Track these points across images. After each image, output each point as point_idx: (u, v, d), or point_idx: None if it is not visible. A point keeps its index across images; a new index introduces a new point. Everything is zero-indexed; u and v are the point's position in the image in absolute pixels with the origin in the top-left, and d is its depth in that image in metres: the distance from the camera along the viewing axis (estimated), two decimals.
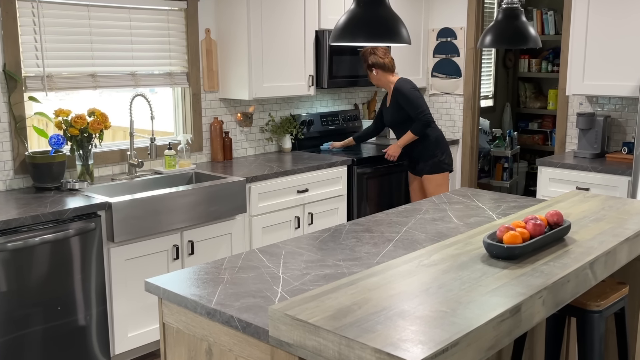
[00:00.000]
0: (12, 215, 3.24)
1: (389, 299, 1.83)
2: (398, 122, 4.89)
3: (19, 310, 3.28)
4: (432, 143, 4.88)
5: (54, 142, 3.80)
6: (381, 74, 4.85)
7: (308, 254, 2.57)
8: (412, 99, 4.75)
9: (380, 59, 4.80)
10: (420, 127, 4.78)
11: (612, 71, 4.73)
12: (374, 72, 4.85)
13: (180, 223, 3.85)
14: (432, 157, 4.87)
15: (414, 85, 4.84)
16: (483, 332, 1.67)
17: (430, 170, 4.89)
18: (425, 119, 4.76)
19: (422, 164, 4.91)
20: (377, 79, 4.89)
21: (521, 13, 3.35)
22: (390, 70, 4.86)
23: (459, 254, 2.25)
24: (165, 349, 2.32)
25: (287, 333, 1.73)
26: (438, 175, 4.90)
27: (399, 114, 4.84)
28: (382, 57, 4.81)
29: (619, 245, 2.39)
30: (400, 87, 4.79)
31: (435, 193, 4.88)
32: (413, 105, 4.75)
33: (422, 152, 4.89)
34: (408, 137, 4.83)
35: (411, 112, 4.76)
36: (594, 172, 4.62)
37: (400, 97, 4.79)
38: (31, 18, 3.82)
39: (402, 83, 4.82)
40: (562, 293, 2.05)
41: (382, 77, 4.87)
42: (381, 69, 4.83)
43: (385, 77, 4.87)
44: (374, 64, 4.82)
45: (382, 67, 4.83)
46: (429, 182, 4.91)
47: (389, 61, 4.85)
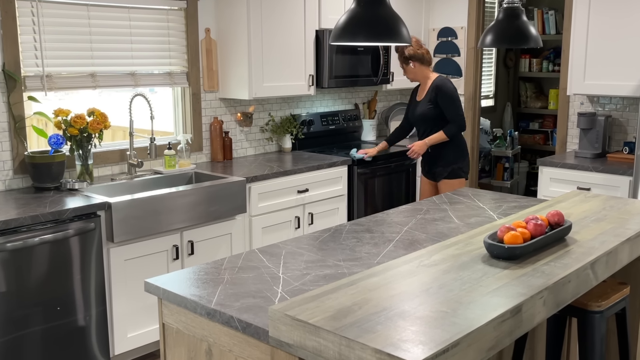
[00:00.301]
0: (12, 215, 3.23)
1: (390, 299, 1.82)
2: (429, 118, 4.64)
3: (18, 310, 3.27)
4: (457, 148, 4.70)
5: (53, 142, 3.80)
6: (419, 67, 4.64)
7: (308, 254, 2.56)
8: (455, 99, 4.58)
9: (418, 51, 4.60)
10: (455, 130, 4.59)
11: (613, 71, 4.72)
12: (411, 65, 4.63)
13: (180, 223, 3.84)
14: (453, 162, 4.69)
15: (455, 86, 4.66)
16: (484, 333, 1.67)
17: (448, 175, 4.70)
18: (461, 123, 4.59)
19: (441, 168, 4.70)
20: (414, 73, 4.66)
21: (522, 12, 3.35)
22: (428, 63, 4.67)
23: (459, 254, 2.24)
24: (165, 349, 2.32)
25: (287, 333, 1.73)
26: (455, 180, 4.73)
27: (433, 111, 4.61)
28: (419, 48, 4.61)
29: (620, 246, 2.38)
30: (443, 85, 4.57)
31: None
32: (453, 106, 4.57)
33: (445, 156, 4.69)
34: (439, 137, 4.61)
35: (450, 113, 4.56)
36: (595, 172, 4.61)
37: (441, 95, 4.55)
38: (30, 17, 3.82)
39: (445, 81, 4.61)
40: (563, 293, 2.04)
41: (420, 70, 4.65)
42: (419, 62, 4.62)
43: (423, 71, 4.66)
44: (412, 56, 4.60)
45: (421, 60, 4.62)
46: (446, 187, 4.73)
47: (426, 53, 4.65)
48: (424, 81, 4.69)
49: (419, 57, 4.60)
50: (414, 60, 4.61)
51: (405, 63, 4.65)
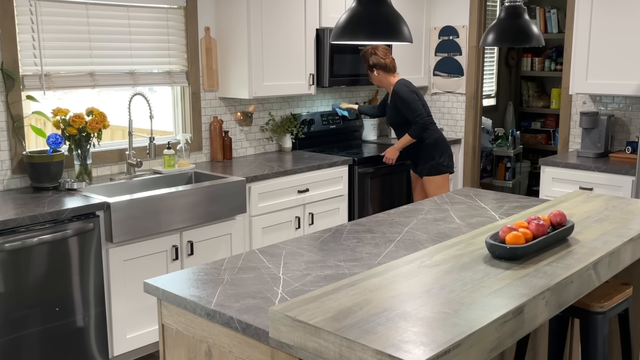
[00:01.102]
0: (10, 215, 3.22)
1: (391, 300, 1.82)
2: (397, 123, 4.90)
3: (16, 311, 3.26)
4: (430, 146, 4.87)
5: (52, 141, 3.79)
6: (382, 75, 4.83)
7: (309, 254, 2.56)
8: (409, 102, 4.74)
9: (381, 60, 4.78)
10: (418, 131, 4.76)
11: (616, 70, 4.71)
12: (375, 73, 4.83)
13: (180, 223, 3.83)
14: (430, 159, 4.88)
15: (412, 88, 4.82)
16: (485, 334, 1.67)
17: (429, 172, 4.90)
18: (422, 122, 4.74)
19: (421, 166, 4.93)
20: (378, 80, 4.87)
21: (524, 11, 3.35)
22: (391, 71, 4.83)
23: (461, 254, 2.24)
24: (165, 350, 2.31)
25: (287, 334, 1.73)
26: (438, 177, 4.90)
27: (397, 116, 4.84)
28: (383, 57, 4.79)
29: (623, 246, 2.38)
30: (398, 90, 4.77)
31: (436, 194, 4.87)
32: (410, 109, 4.74)
33: (420, 154, 4.90)
34: (405, 140, 4.83)
35: (408, 116, 4.75)
36: (598, 171, 4.60)
37: (397, 100, 4.77)
38: (29, 16, 3.81)
39: (400, 86, 4.78)
40: (565, 294, 2.04)
41: (383, 77, 4.85)
42: (382, 70, 4.81)
43: (386, 78, 4.85)
44: (375, 64, 4.79)
45: (384, 68, 4.80)
46: (429, 184, 4.92)
47: (390, 61, 4.82)
48: (388, 87, 4.89)
49: (382, 66, 4.79)
50: (378, 68, 4.81)
51: (369, 70, 4.86)
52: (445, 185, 4.97)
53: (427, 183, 4.94)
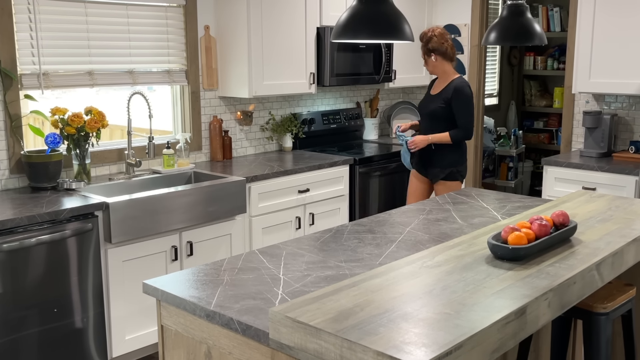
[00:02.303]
0: (8, 215, 3.21)
1: (392, 300, 1.82)
2: (437, 117, 4.51)
3: (14, 312, 3.25)
4: (458, 153, 4.57)
5: (50, 141, 3.78)
6: (440, 62, 4.48)
7: (309, 255, 2.56)
8: (469, 105, 4.46)
9: (442, 45, 4.45)
10: (461, 136, 4.47)
11: (619, 69, 4.70)
12: (432, 58, 4.48)
13: (179, 223, 3.82)
14: (451, 165, 4.54)
15: (472, 92, 4.54)
16: (487, 335, 1.67)
17: (445, 177, 4.55)
18: (471, 132, 4.49)
19: (439, 169, 4.55)
20: (434, 66, 4.51)
21: (526, 10, 3.35)
22: (450, 59, 4.51)
23: (463, 255, 2.25)
24: (164, 351, 2.31)
25: (287, 336, 1.73)
26: (453, 182, 4.59)
27: (443, 111, 4.47)
28: (444, 42, 4.47)
29: (626, 246, 2.38)
30: (462, 89, 4.42)
31: None
32: (466, 112, 4.45)
33: (444, 158, 4.54)
34: (443, 138, 4.46)
35: (461, 119, 4.43)
36: (601, 171, 4.59)
37: (458, 98, 4.41)
38: (27, 14, 3.79)
39: (465, 85, 4.46)
40: (568, 295, 2.04)
41: (441, 65, 4.49)
42: (442, 56, 4.47)
43: (443, 66, 4.50)
44: (435, 49, 4.45)
45: (444, 55, 4.47)
46: (442, 188, 4.58)
47: (451, 48, 4.50)
48: (442, 76, 4.55)
49: (442, 52, 4.46)
50: (437, 53, 4.47)
51: (427, 54, 4.51)
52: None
53: (440, 187, 4.59)
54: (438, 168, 4.54)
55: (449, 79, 4.49)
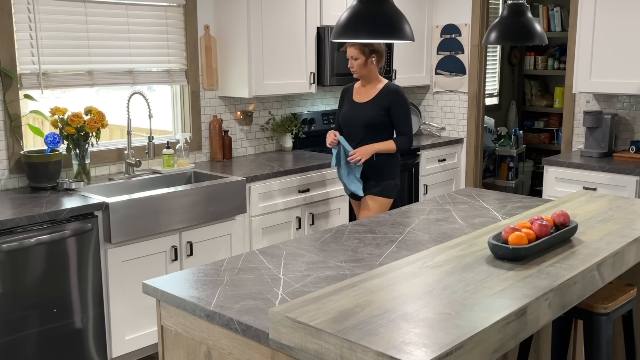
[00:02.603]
0: (7, 215, 3.20)
1: (392, 301, 1.82)
2: (375, 126, 4.08)
3: (14, 312, 3.24)
4: (396, 165, 4.20)
5: (49, 140, 3.78)
6: (373, 66, 4.10)
7: (309, 255, 2.56)
8: (409, 110, 4.12)
9: (382, 47, 4.12)
10: (406, 145, 4.11)
11: (620, 68, 4.69)
12: (372, 59, 4.06)
13: (179, 224, 3.81)
14: (390, 178, 4.15)
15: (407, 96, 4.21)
16: (488, 335, 1.67)
17: (380, 192, 4.12)
18: (412, 140, 4.14)
19: (374, 182, 4.11)
20: (368, 70, 4.08)
21: (527, 9, 3.34)
22: (381, 65, 4.21)
23: (463, 255, 2.24)
24: (164, 352, 2.31)
25: (287, 336, 1.73)
26: (385, 199, 4.15)
27: (383, 118, 4.06)
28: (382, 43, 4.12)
29: (627, 246, 2.38)
30: (401, 94, 4.09)
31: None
32: (407, 118, 4.10)
33: (384, 168, 4.13)
34: (388, 147, 4.07)
35: (402, 125, 4.08)
36: (601, 171, 4.58)
37: (397, 104, 4.05)
38: (27, 14, 3.79)
39: (402, 90, 4.14)
40: (568, 295, 2.04)
41: (374, 69, 4.11)
42: (378, 59, 4.12)
43: (375, 71, 4.13)
44: (377, 50, 4.08)
45: (381, 58, 4.14)
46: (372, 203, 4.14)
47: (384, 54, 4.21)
48: (372, 82, 4.14)
49: (381, 55, 4.13)
50: (377, 55, 4.10)
51: (364, 54, 4.04)
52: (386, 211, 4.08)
53: (370, 202, 4.14)
54: (373, 181, 4.13)
55: (379, 84, 4.13)
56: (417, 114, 6.16)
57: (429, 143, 5.68)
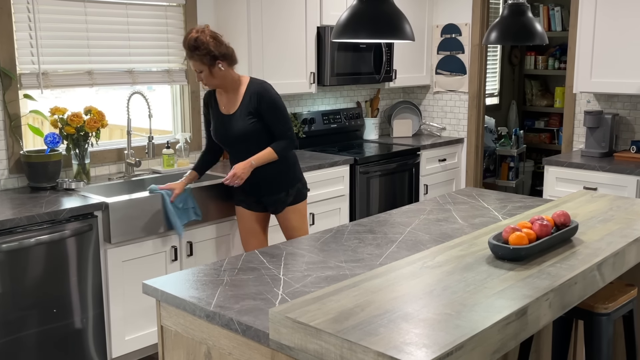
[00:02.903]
0: (7, 215, 3.20)
1: (392, 301, 1.82)
2: (251, 136, 3.60)
3: (13, 312, 3.24)
4: (296, 165, 3.78)
5: (49, 140, 3.77)
6: (227, 70, 3.55)
7: (309, 255, 2.56)
8: (283, 109, 3.62)
9: (226, 48, 3.54)
10: (287, 147, 3.64)
11: (621, 68, 4.68)
12: (218, 67, 3.49)
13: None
14: (295, 181, 3.75)
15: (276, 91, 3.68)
16: (488, 336, 1.67)
17: (294, 200, 3.75)
18: (293, 139, 3.66)
19: (284, 192, 3.72)
20: (222, 76, 3.54)
21: (527, 9, 3.33)
22: (236, 63, 3.62)
23: (463, 255, 2.24)
24: (164, 352, 2.30)
25: (288, 336, 1.73)
26: (302, 203, 3.79)
27: (256, 125, 3.59)
28: (227, 44, 3.57)
29: (628, 247, 2.38)
30: (267, 92, 3.58)
31: (302, 227, 3.81)
32: (283, 118, 3.61)
33: (287, 175, 3.72)
34: (267, 156, 3.59)
35: (279, 126, 3.60)
36: (602, 171, 4.57)
37: (265, 104, 3.56)
38: (26, 14, 3.78)
39: (267, 86, 3.62)
40: (569, 295, 2.04)
41: (229, 73, 3.57)
42: (229, 62, 3.55)
43: (232, 74, 3.60)
44: (223, 54, 3.50)
45: (231, 60, 3.57)
46: (295, 215, 3.77)
47: (233, 51, 3.60)
48: (233, 87, 3.62)
49: (230, 57, 3.55)
50: (223, 60, 3.52)
51: (210, 64, 3.49)
52: (306, 213, 3.86)
53: (291, 216, 3.77)
54: (283, 192, 3.73)
55: (242, 87, 3.62)
56: (417, 114, 6.16)
57: (429, 143, 5.67)
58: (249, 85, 3.60)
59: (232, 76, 3.59)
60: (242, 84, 3.62)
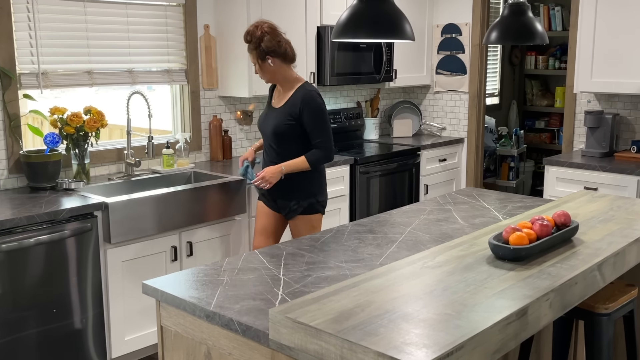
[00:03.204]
0: (7, 215, 3.19)
1: (393, 301, 1.82)
2: (282, 135, 3.61)
3: (13, 313, 3.23)
4: (317, 179, 3.72)
5: (49, 140, 3.77)
6: (279, 66, 3.57)
7: (309, 255, 2.55)
8: (324, 119, 3.59)
9: (279, 45, 3.56)
10: (322, 159, 3.60)
11: (621, 68, 4.68)
12: (268, 62, 3.54)
13: (179, 224, 3.80)
14: (312, 196, 3.69)
15: (323, 101, 3.65)
16: (489, 336, 1.67)
17: (305, 210, 3.69)
18: (330, 151, 3.61)
19: (295, 202, 3.67)
20: (272, 72, 3.59)
21: (528, 9, 3.33)
22: (291, 62, 3.63)
23: (464, 255, 2.24)
24: (164, 352, 2.30)
25: (288, 336, 1.72)
26: (313, 216, 3.73)
27: (291, 129, 3.58)
28: (280, 39, 3.58)
29: (628, 247, 2.37)
30: (312, 100, 3.55)
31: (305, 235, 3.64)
32: (322, 128, 3.58)
33: (301, 188, 3.67)
34: (299, 165, 3.57)
35: (317, 137, 3.56)
36: (602, 171, 4.57)
37: (309, 112, 3.54)
38: (26, 14, 3.78)
39: (314, 94, 3.58)
40: (569, 295, 2.04)
41: (280, 70, 3.59)
42: (281, 59, 3.57)
43: (285, 72, 3.61)
44: (271, 50, 3.53)
45: (283, 57, 3.57)
46: (302, 224, 3.73)
47: (291, 49, 3.62)
48: (284, 85, 3.65)
49: (282, 54, 3.56)
50: (274, 56, 3.55)
51: (260, 58, 3.55)
52: (319, 226, 3.78)
53: (299, 224, 3.72)
54: (294, 201, 3.67)
55: (293, 87, 3.63)
56: (418, 114, 6.15)
57: (430, 143, 5.67)
58: (300, 87, 3.61)
59: (284, 74, 3.61)
60: (295, 84, 3.63)
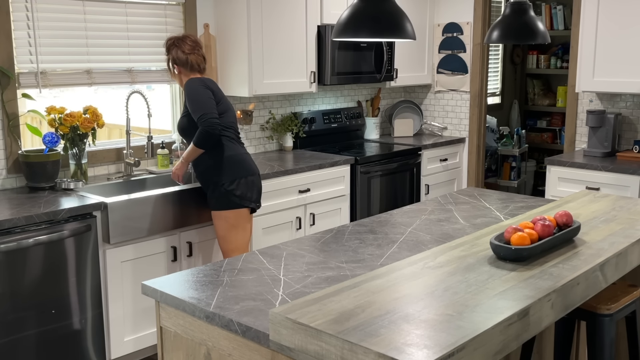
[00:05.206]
0: (5, 215, 3.19)
1: (393, 302, 1.82)
2: (186, 131, 3.73)
3: (11, 313, 3.23)
4: (218, 164, 3.66)
5: (48, 140, 3.77)
6: (183, 74, 3.74)
7: (310, 255, 2.55)
8: (195, 98, 3.57)
9: (183, 55, 3.68)
10: (203, 136, 3.55)
11: (623, 67, 4.67)
12: (174, 71, 3.75)
13: (179, 224, 3.80)
14: (218, 185, 3.65)
15: (207, 83, 3.67)
16: (490, 337, 1.67)
17: (217, 204, 3.67)
18: (208, 124, 3.52)
19: (209, 193, 3.71)
20: (179, 79, 3.78)
21: (529, 8, 3.33)
22: (196, 70, 3.72)
23: (465, 255, 2.24)
24: (163, 353, 2.30)
25: (288, 337, 1.73)
26: (229, 212, 3.66)
27: (186, 120, 3.70)
28: (188, 52, 3.69)
29: (630, 247, 2.38)
30: (186, 87, 3.65)
31: (226, 238, 3.72)
32: (196, 107, 3.55)
33: (208, 175, 3.68)
34: (191, 151, 3.63)
35: (195, 116, 3.57)
36: (605, 171, 4.56)
37: (185, 95, 3.67)
38: (25, 13, 3.77)
39: (190, 81, 3.65)
40: (571, 296, 2.04)
41: (185, 77, 3.74)
42: (183, 67, 3.71)
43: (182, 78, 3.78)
44: (175, 59, 3.71)
45: (184, 65, 3.70)
46: (217, 221, 3.70)
47: (195, 59, 3.70)
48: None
49: (183, 62, 3.69)
50: (178, 65, 3.73)
51: (169, 65, 3.79)
52: (243, 226, 3.73)
53: (216, 219, 3.71)
54: (209, 192, 3.72)
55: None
56: (419, 113, 6.14)
57: (431, 142, 5.66)
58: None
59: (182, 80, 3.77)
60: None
